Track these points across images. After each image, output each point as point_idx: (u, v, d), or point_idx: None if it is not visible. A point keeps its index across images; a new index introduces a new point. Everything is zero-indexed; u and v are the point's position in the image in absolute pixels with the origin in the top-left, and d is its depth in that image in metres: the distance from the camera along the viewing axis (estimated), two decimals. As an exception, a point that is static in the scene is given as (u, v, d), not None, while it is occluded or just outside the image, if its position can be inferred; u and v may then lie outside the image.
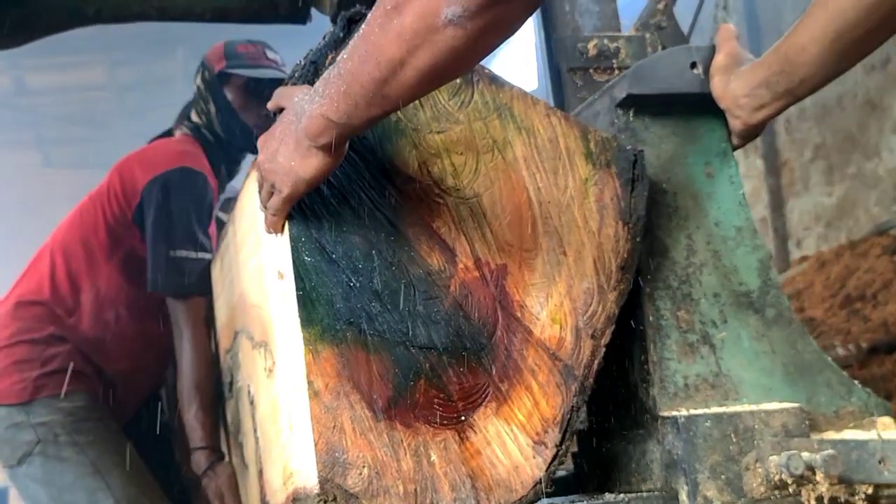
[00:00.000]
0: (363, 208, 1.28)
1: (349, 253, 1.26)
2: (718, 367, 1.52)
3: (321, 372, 1.22)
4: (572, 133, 1.46)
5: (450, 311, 1.28)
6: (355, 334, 1.24)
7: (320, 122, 1.21)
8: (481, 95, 1.44)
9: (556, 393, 1.38)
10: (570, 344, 1.40)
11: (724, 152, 1.60)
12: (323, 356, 1.22)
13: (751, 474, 1.43)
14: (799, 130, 9.02)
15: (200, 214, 2.66)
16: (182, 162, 2.71)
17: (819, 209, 8.93)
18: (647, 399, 1.51)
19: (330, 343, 1.22)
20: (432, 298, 1.28)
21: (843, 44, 1.42)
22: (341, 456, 1.22)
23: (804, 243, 9.22)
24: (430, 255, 1.29)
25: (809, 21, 1.44)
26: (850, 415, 1.57)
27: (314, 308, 1.23)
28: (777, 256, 9.71)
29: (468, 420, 1.29)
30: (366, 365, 1.23)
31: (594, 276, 1.42)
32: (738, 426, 1.44)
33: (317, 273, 1.25)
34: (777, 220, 9.58)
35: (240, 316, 1.93)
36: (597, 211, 1.44)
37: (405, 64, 1.11)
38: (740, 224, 1.58)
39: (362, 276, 1.26)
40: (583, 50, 1.86)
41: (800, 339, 1.56)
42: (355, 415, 1.23)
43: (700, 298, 1.54)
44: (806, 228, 9.18)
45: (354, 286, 1.25)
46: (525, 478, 1.36)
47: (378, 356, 1.24)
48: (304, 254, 1.25)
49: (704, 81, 1.56)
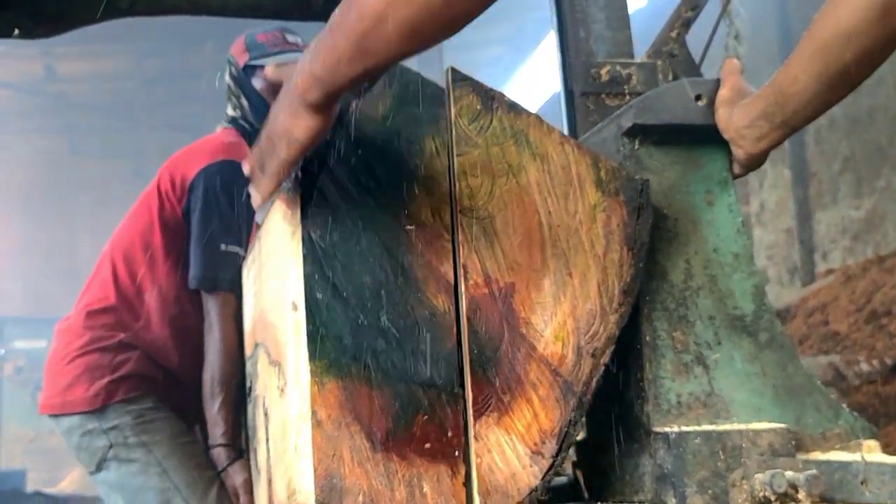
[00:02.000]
0: (375, 250, 1.33)
1: (359, 292, 1.32)
2: (711, 386, 1.60)
3: (325, 403, 1.28)
4: (584, 161, 1.54)
5: (451, 351, 1.33)
6: (360, 369, 1.30)
7: (308, 78, 1.24)
8: (499, 121, 1.52)
9: (555, 407, 1.46)
10: (571, 361, 1.48)
11: (724, 181, 1.68)
12: (328, 388, 1.28)
13: (737, 490, 1.51)
14: (828, 142, 9.01)
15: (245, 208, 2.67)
16: (225, 153, 2.76)
17: (846, 222, 8.93)
18: (642, 415, 1.59)
19: (335, 376, 1.29)
20: (435, 339, 1.34)
21: (829, 76, 1.48)
22: (339, 483, 1.28)
23: (830, 256, 9.22)
24: (436, 297, 1.35)
25: (799, 52, 1.52)
26: (836, 437, 1.64)
27: (322, 343, 1.29)
28: (802, 268, 9.72)
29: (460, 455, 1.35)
30: (368, 398, 1.30)
31: (597, 298, 1.50)
32: (727, 444, 1.52)
33: (327, 310, 1.31)
34: (804, 231, 9.57)
35: (260, 330, 1.99)
36: (603, 236, 1.52)
37: (385, 18, 1.14)
38: (737, 251, 1.66)
39: (370, 314, 1.32)
40: (595, 75, 1.94)
41: (790, 362, 1.64)
42: (354, 445, 1.29)
43: (696, 320, 1.61)
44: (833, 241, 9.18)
45: (362, 323, 1.31)
46: (522, 485, 1.44)
47: (380, 391, 1.30)
48: (316, 291, 1.31)
49: (708, 113, 1.64)
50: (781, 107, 1.56)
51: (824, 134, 9.02)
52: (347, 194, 1.35)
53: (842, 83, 1.50)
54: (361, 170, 1.36)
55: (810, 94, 1.52)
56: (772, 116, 1.58)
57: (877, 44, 1.44)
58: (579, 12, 1.98)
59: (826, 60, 1.48)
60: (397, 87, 1.40)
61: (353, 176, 1.35)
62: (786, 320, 7.76)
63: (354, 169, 1.35)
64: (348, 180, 1.35)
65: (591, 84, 1.95)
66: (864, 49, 1.45)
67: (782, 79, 1.56)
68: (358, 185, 1.35)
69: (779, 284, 10.12)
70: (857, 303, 6.98)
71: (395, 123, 1.38)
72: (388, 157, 1.37)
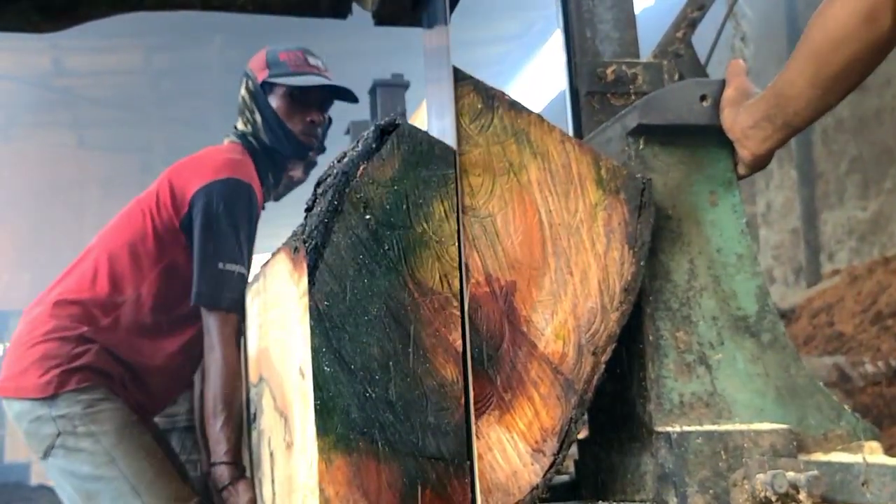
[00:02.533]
0: (383, 319, 1.31)
1: (367, 364, 1.30)
2: (713, 386, 1.60)
3: (332, 480, 1.27)
4: (585, 159, 1.54)
5: (459, 422, 1.32)
6: (367, 444, 1.28)
7: None
8: (500, 120, 1.53)
9: (556, 405, 1.47)
10: (572, 359, 1.48)
11: (728, 182, 1.68)
12: (335, 465, 1.26)
13: (738, 490, 1.51)
14: (835, 142, 8.98)
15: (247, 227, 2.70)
16: (231, 171, 2.73)
17: (853, 223, 8.90)
18: (644, 414, 1.59)
19: (343, 452, 1.27)
20: (444, 410, 1.32)
21: (822, 80, 1.49)
22: None
23: (836, 257, 9.19)
24: (444, 366, 1.34)
25: (794, 56, 1.53)
26: (838, 438, 1.64)
27: (330, 418, 1.28)
28: (808, 269, 9.69)
29: None
30: (375, 473, 1.28)
31: (598, 297, 1.50)
32: (728, 444, 1.52)
33: (335, 383, 1.29)
34: (809, 231, 9.55)
35: (265, 366, 1.99)
36: (604, 235, 1.53)
37: None
38: (741, 251, 1.66)
39: (378, 387, 1.30)
40: (601, 75, 1.94)
41: (793, 363, 1.64)
42: None
43: (699, 321, 1.62)
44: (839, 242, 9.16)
45: (370, 396, 1.29)
46: (522, 483, 1.45)
47: (387, 465, 1.28)
48: (324, 364, 1.29)
49: (713, 114, 1.64)
50: (782, 109, 1.57)
51: (831, 134, 8.99)
52: (355, 262, 1.33)
53: (835, 87, 1.51)
54: (369, 236, 1.33)
55: (807, 97, 1.53)
56: (774, 118, 1.58)
57: (865, 49, 1.45)
58: (586, 12, 1.97)
59: (818, 65, 1.49)
60: (406, 147, 1.37)
61: (360, 242, 1.33)
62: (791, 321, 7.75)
63: (362, 235, 1.33)
64: (355, 247, 1.33)
65: (596, 83, 1.94)
66: (853, 54, 1.46)
67: (782, 81, 1.56)
68: (365, 252, 1.33)
69: (784, 285, 10.11)
70: (862, 304, 6.97)
71: (403, 186, 1.36)
72: (396, 221, 1.34)
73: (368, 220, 1.33)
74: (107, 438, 2.61)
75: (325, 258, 1.31)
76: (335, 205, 1.33)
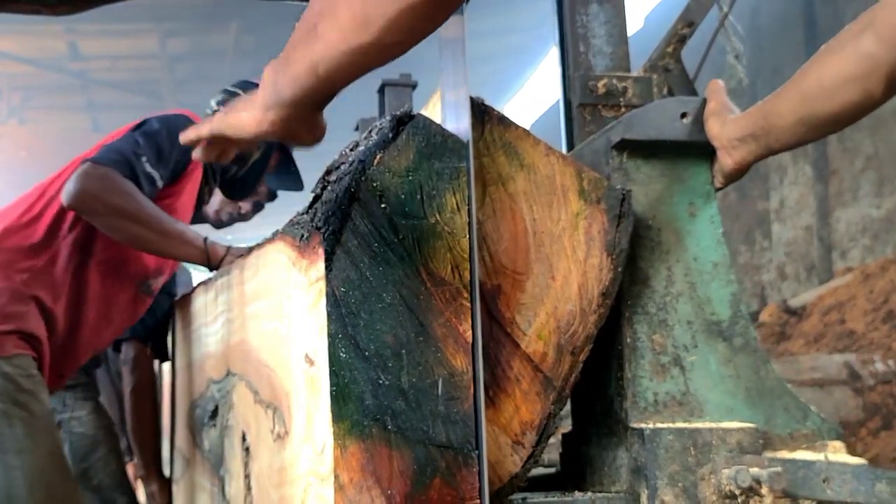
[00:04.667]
0: (397, 308, 1.33)
1: (380, 351, 1.31)
2: (686, 386, 1.70)
3: (347, 466, 1.28)
4: (568, 171, 1.63)
5: (468, 411, 1.33)
6: (380, 430, 1.29)
7: None
8: (490, 133, 1.62)
9: (536, 400, 1.57)
10: (552, 358, 1.58)
11: (707, 194, 1.77)
12: (350, 451, 1.28)
13: (705, 484, 1.62)
14: (851, 140, 9.00)
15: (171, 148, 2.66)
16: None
17: (867, 221, 8.93)
18: (621, 411, 1.69)
19: (357, 438, 1.28)
20: (453, 399, 1.34)
21: (809, 119, 1.58)
22: None
23: (849, 254, 9.22)
24: (454, 356, 1.36)
25: (786, 92, 1.61)
26: (804, 437, 1.74)
27: (345, 404, 1.29)
28: (820, 266, 9.71)
29: None
30: (387, 461, 1.29)
31: (577, 300, 1.60)
32: (698, 440, 1.63)
33: (350, 369, 1.30)
34: (822, 228, 9.57)
35: (238, 360, 2.00)
36: (585, 242, 1.62)
37: None
38: (717, 260, 1.75)
39: (391, 374, 1.31)
40: (593, 88, 2.04)
41: (763, 366, 1.74)
42: None
43: (675, 324, 1.71)
44: (852, 239, 9.18)
45: (383, 383, 1.30)
46: (503, 473, 1.55)
47: (399, 452, 1.30)
48: (340, 350, 1.30)
49: (692, 130, 1.73)
50: (766, 132, 1.66)
51: (847, 132, 9.00)
52: (371, 249, 1.33)
53: (820, 129, 1.60)
54: (384, 224, 1.34)
55: (792, 131, 1.62)
56: (758, 138, 1.67)
57: (854, 107, 1.53)
58: (580, 27, 2.07)
59: (807, 107, 1.57)
60: (420, 139, 1.37)
61: (376, 230, 1.34)
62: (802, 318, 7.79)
63: (378, 223, 1.34)
64: (371, 235, 1.34)
65: (588, 96, 2.04)
66: (842, 107, 1.54)
67: (770, 108, 1.65)
68: (381, 240, 1.34)
69: (796, 281, 10.15)
70: (874, 302, 7.01)
71: (417, 177, 1.36)
72: (410, 211, 1.35)
73: (384, 208, 1.34)
74: (22, 426, 2.52)
75: (343, 243, 1.31)
76: (352, 192, 1.33)
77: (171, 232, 2.58)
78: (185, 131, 1.46)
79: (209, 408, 2.33)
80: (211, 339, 2.40)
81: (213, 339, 2.37)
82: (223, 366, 2.20)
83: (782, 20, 9.73)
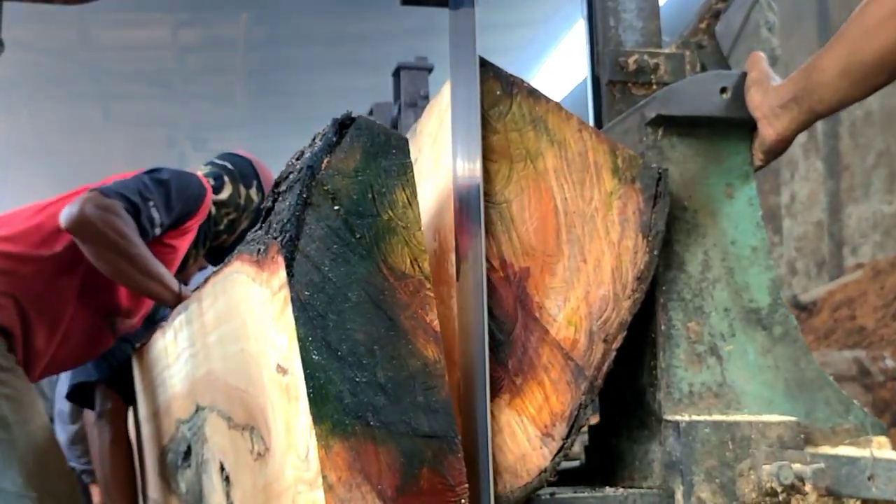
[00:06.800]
0: (364, 305, 1.33)
1: (353, 349, 1.32)
2: (723, 377, 1.61)
3: (333, 466, 1.27)
4: (601, 148, 1.55)
5: (447, 399, 1.34)
6: (363, 427, 1.29)
7: None
8: (519, 107, 1.54)
9: (566, 390, 1.48)
10: (584, 346, 1.50)
11: (745, 174, 1.68)
12: (335, 451, 1.28)
13: (744, 480, 1.53)
14: (863, 135, 8.92)
15: (178, 205, 2.72)
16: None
17: (878, 217, 8.85)
18: (654, 403, 1.60)
19: (340, 438, 1.28)
20: (430, 388, 1.34)
21: (853, 73, 1.50)
22: None
23: (860, 250, 9.14)
24: (426, 347, 1.35)
25: (832, 42, 1.53)
26: (846, 432, 1.66)
27: (324, 405, 1.28)
28: (831, 262, 9.65)
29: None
30: (374, 456, 1.29)
31: (611, 284, 1.52)
32: (736, 434, 1.54)
33: (325, 371, 1.30)
34: (833, 224, 9.50)
35: (206, 392, 1.96)
36: (619, 223, 1.54)
37: None
38: (756, 244, 1.66)
39: (367, 371, 1.31)
40: (623, 64, 1.94)
41: (803, 356, 1.65)
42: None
43: (711, 312, 1.63)
44: (863, 235, 9.11)
45: (360, 381, 1.31)
46: (531, 466, 1.47)
47: (385, 447, 1.30)
48: (312, 353, 1.30)
49: (732, 106, 1.64)
50: (809, 92, 1.57)
51: (859, 127, 8.92)
52: (330, 251, 1.34)
53: (864, 80, 1.51)
54: (340, 225, 1.35)
55: (835, 86, 1.53)
56: (801, 101, 1.59)
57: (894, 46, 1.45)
58: (610, 1, 1.98)
59: (850, 53, 1.49)
60: (365, 139, 1.38)
61: (333, 232, 1.35)
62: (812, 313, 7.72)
63: (333, 225, 1.35)
64: (329, 237, 1.34)
65: (618, 72, 1.95)
66: (885, 46, 1.46)
67: (812, 65, 1.57)
68: (339, 241, 1.35)
69: (806, 277, 10.06)
70: (885, 298, 6.93)
71: (366, 176, 1.37)
72: (364, 210, 1.37)
73: (338, 210, 1.35)
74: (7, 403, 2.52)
75: (302, 249, 1.33)
76: (304, 197, 1.34)
77: (153, 273, 2.63)
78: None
79: (181, 449, 2.28)
80: (175, 380, 2.34)
81: (177, 380, 2.31)
82: (191, 403, 2.15)
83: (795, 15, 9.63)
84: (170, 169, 2.83)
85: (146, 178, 2.71)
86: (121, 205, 2.55)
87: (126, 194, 2.59)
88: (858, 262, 8.84)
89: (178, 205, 2.73)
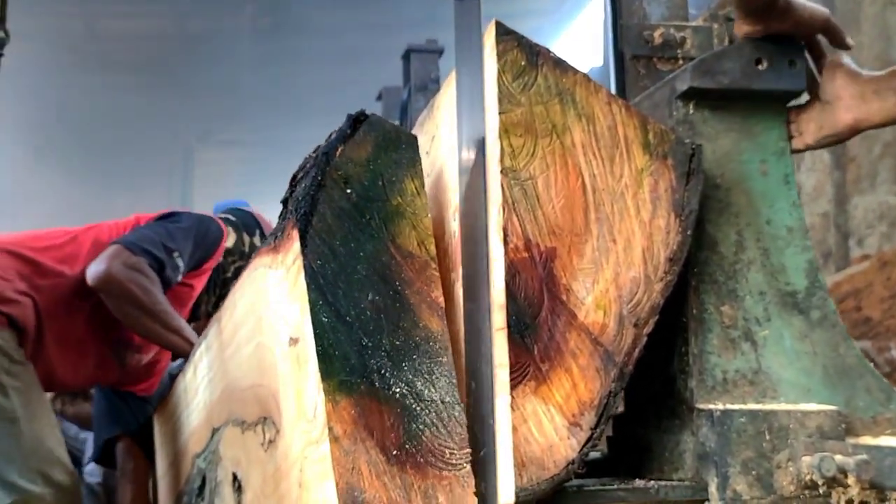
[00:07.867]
0: (371, 278, 1.38)
1: (361, 315, 1.36)
2: (758, 364, 1.54)
3: (339, 419, 1.30)
4: (632, 122, 1.47)
5: (449, 366, 1.37)
6: (368, 387, 1.33)
7: None
8: (544, 79, 1.46)
9: (595, 377, 1.41)
10: (613, 330, 1.42)
11: (781, 151, 1.60)
12: (341, 405, 1.31)
13: (782, 472, 1.45)
14: (870, 126, 8.88)
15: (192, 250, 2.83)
16: None
17: (884, 208, 8.78)
18: (685, 391, 1.53)
19: (347, 393, 1.32)
20: (433, 357, 1.37)
21: None
22: (360, 496, 1.29)
23: (866, 242, 9.07)
24: (430, 319, 1.39)
25: None
26: (887, 421, 1.58)
27: (332, 363, 1.33)
28: (837, 253, 9.57)
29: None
30: (378, 414, 1.33)
31: (642, 266, 1.44)
32: (773, 424, 1.46)
33: (333, 332, 1.34)
34: (840, 215, 9.43)
35: (224, 408, 1.99)
36: (650, 201, 1.46)
37: None
38: (792, 224, 1.59)
39: (373, 337, 1.36)
40: (648, 38, 1.86)
41: (843, 342, 1.57)
42: (370, 459, 1.30)
43: (745, 295, 1.55)
44: (869, 227, 9.04)
45: (367, 345, 1.35)
46: (558, 457, 1.39)
47: (389, 407, 1.34)
48: (321, 315, 1.35)
49: (768, 78, 1.56)
50: None
51: (866, 119, 8.84)
52: (342, 229, 1.40)
53: None
54: (351, 207, 1.40)
55: None
56: None
57: None
58: (634, -27, 1.90)
59: None
60: (377, 134, 1.43)
61: (344, 212, 1.40)
62: (818, 304, 7.68)
63: (345, 206, 1.40)
64: (340, 217, 1.40)
65: (643, 47, 1.87)
66: None
67: None
68: (350, 220, 1.40)
69: (813, 268, 10.03)
70: (891, 289, 6.86)
71: (377, 166, 1.42)
72: (374, 195, 1.42)
73: (349, 193, 1.40)
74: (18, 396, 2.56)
75: (315, 225, 1.38)
76: (318, 180, 1.40)
77: (174, 327, 2.73)
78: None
79: (195, 486, 2.30)
80: (193, 416, 2.36)
81: (195, 415, 2.34)
82: (207, 431, 2.17)
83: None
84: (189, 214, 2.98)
85: (170, 227, 2.85)
86: (146, 261, 2.67)
87: (151, 250, 2.71)
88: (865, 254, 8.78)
89: (199, 250, 2.88)
